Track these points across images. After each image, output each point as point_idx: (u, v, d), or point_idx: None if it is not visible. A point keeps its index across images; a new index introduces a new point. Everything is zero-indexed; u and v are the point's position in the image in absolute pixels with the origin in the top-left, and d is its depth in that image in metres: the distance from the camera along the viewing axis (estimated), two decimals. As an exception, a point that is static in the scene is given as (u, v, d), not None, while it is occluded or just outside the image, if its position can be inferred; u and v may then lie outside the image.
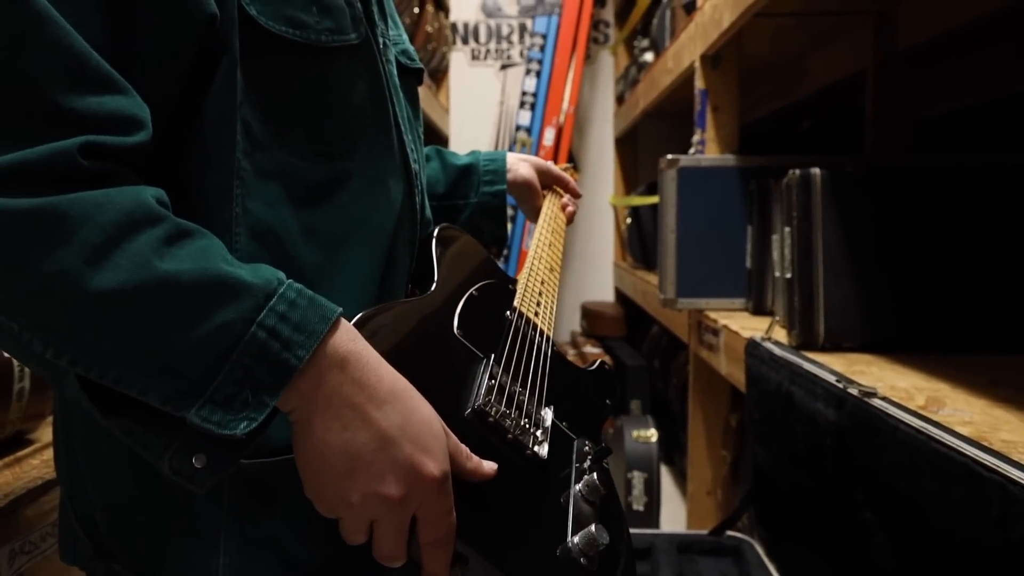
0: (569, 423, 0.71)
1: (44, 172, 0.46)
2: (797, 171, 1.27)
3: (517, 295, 0.79)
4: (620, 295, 3.47)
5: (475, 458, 0.56)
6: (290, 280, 0.52)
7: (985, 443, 0.72)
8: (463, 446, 0.56)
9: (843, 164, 1.30)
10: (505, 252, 3.16)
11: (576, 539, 0.58)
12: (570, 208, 1.12)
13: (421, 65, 0.87)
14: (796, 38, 1.99)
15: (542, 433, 0.65)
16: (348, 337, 0.52)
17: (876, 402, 0.74)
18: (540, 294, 0.85)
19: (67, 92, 0.48)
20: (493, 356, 0.67)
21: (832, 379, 0.85)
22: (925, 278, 1.22)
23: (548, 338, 0.79)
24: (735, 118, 1.85)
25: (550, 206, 1.07)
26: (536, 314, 0.80)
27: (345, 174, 0.66)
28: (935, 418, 0.77)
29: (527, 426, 0.64)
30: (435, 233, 0.77)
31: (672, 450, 2.59)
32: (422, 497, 0.52)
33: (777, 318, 1.40)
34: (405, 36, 0.87)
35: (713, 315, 1.66)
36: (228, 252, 0.52)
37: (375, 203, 0.68)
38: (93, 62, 0.49)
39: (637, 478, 2.01)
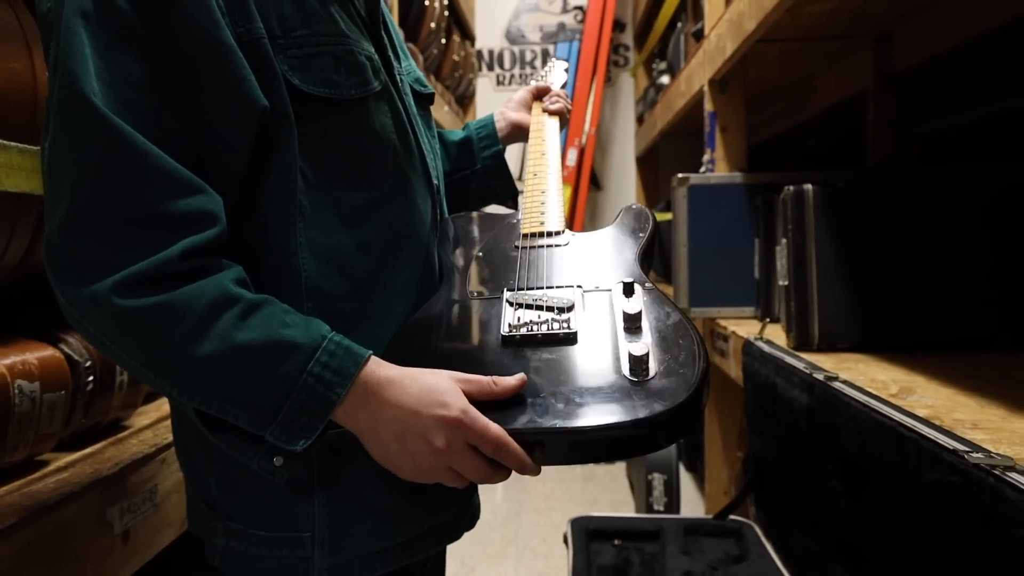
0: (600, 281, 0.81)
1: (157, 276, 0.66)
2: (791, 187, 1.40)
3: (522, 222, 0.92)
4: (644, 309, 3.58)
5: (501, 380, 0.70)
6: (332, 334, 0.70)
7: (937, 421, 0.85)
8: (484, 379, 0.70)
9: (835, 180, 1.43)
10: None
11: (624, 367, 0.68)
12: (552, 107, 1.19)
13: (432, 89, 1.02)
14: (802, 60, 2.11)
15: (569, 312, 0.76)
16: (374, 370, 0.70)
17: (836, 385, 0.87)
18: (543, 204, 0.96)
19: (164, 201, 0.67)
20: (506, 289, 0.81)
21: (804, 368, 0.98)
22: (917, 282, 1.33)
23: (560, 231, 0.91)
24: (743, 138, 1.98)
25: (533, 118, 1.16)
26: (542, 223, 0.92)
27: (383, 198, 0.82)
28: (896, 402, 0.89)
29: (552, 318, 0.75)
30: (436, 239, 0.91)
31: (695, 456, 2.70)
32: (459, 433, 0.67)
33: (768, 321, 1.52)
34: (414, 64, 1.02)
35: (724, 323, 1.78)
36: (287, 314, 0.70)
37: (409, 218, 0.84)
38: (179, 174, 0.68)
39: (657, 479, 2.13)
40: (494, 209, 1.07)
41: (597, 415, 0.66)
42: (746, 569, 1.10)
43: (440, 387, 0.69)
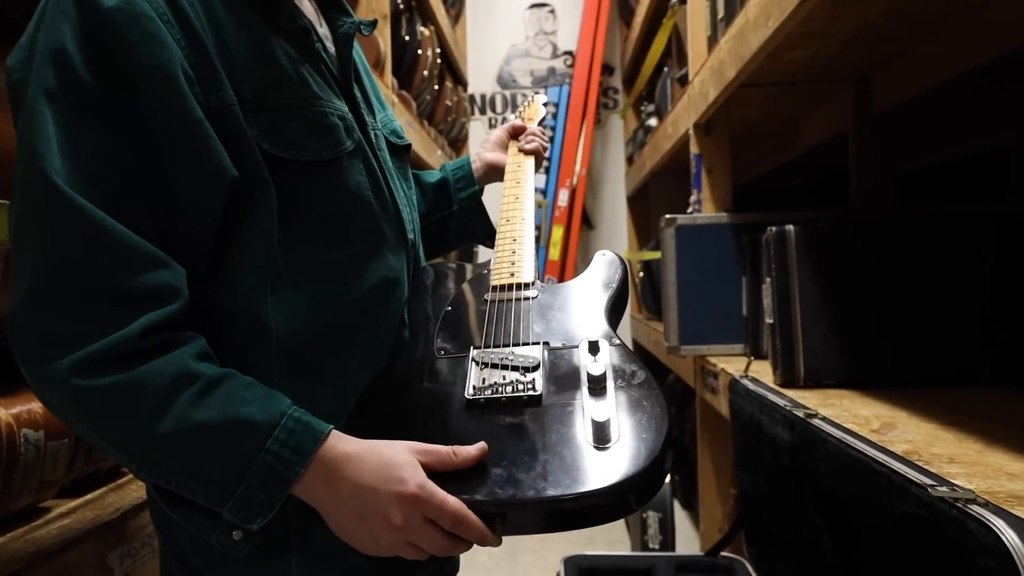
0: (567, 337, 0.80)
1: (117, 355, 0.66)
2: (773, 228, 1.45)
3: (493, 273, 0.92)
4: (637, 345, 3.62)
5: (461, 450, 0.69)
6: (293, 410, 0.70)
7: (915, 456, 0.88)
8: (443, 450, 0.69)
9: (817, 220, 1.47)
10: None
11: (587, 433, 0.67)
12: (528, 147, 1.18)
13: (408, 141, 1.02)
14: (785, 103, 2.17)
15: (534, 372, 0.75)
16: (332, 445, 0.70)
17: (815, 422, 0.90)
18: (513, 252, 0.94)
19: (125, 277, 0.67)
20: (473, 347, 0.80)
21: (786, 405, 1.01)
22: (899, 319, 1.36)
23: (530, 283, 0.90)
24: (728, 178, 2.03)
25: (510, 159, 1.15)
26: (512, 274, 0.91)
27: (358, 255, 0.82)
28: (876, 437, 0.92)
29: (516, 379, 0.74)
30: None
31: (690, 494, 2.71)
32: (416, 508, 0.67)
33: (752, 359, 1.56)
34: (391, 114, 1.01)
35: (714, 360, 1.81)
36: (248, 388, 0.70)
37: (384, 273, 0.84)
38: (140, 249, 0.68)
39: (652, 518, 2.14)
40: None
41: (557, 485, 0.65)
42: (737, 605, 1.11)
43: (397, 461, 0.69)
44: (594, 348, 0.77)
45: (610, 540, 2.68)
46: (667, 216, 1.90)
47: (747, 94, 1.92)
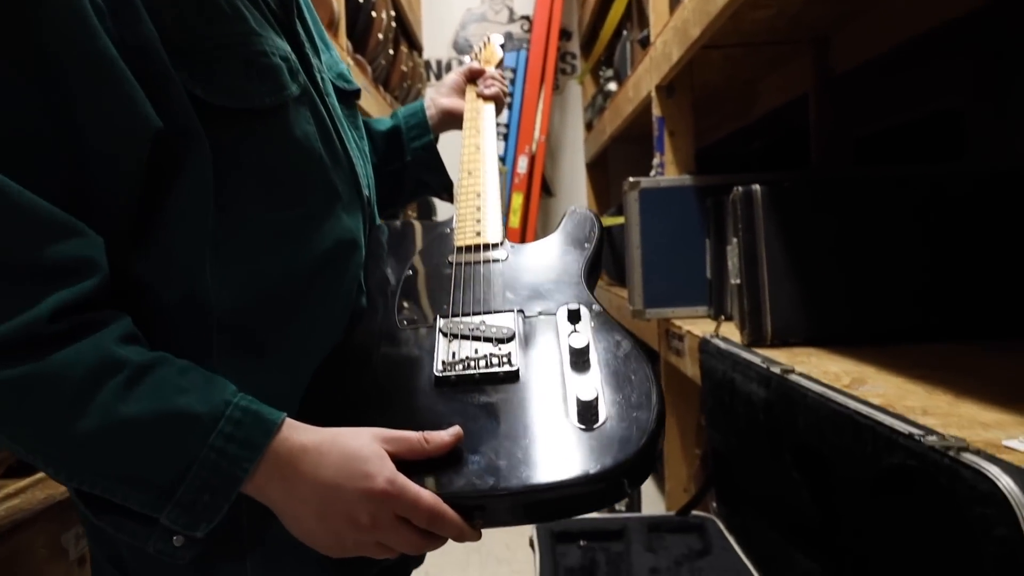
0: (543, 304, 0.73)
1: (24, 342, 0.56)
2: (740, 188, 1.43)
3: (456, 232, 0.83)
4: (599, 313, 3.62)
5: (433, 436, 0.61)
6: (238, 398, 0.61)
7: (889, 408, 0.88)
8: (413, 436, 0.61)
9: (781, 180, 1.46)
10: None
11: (571, 412, 0.61)
12: (488, 92, 1.07)
13: (357, 86, 0.90)
14: (745, 65, 2.16)
15: (509, 344, 0.68)
16: (287, 437, 0.61)
17: (792, 377, 0.89)
18: (478, 209, 0.86)
19: (30, 249, 0.57)
20: (439, 316, 0.72)
21: (761, 363, 1.01)
22: (864, 277, 1.37)
23: (498, 243, 0.81)
24: (691, 142, 2.02)
25: (468, 105, 1.04)
26: (478, 233, 0.82)
27: (309, 215, 0.72)
28: (850, 391, 0.92)
29: (490, 353, 0.67)
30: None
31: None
32: (386, 506, 0.59)
33: (722, 319, 1.56)
34: (337, 56, 0.90)
35: (678, 322, 1.81)
36: (184, 375, 0.61)
37: (339, 235, 0.74)
38: (47, 215, 0.57)
39: (618, 481, 2.15)
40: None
41: (542, 472, 0.59)
42: (710, 563, 1.11)
43: (362, 453, 0.60)
44: (574, 316, 0.71)
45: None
46: (631, 179, 1.88)
47: (708, 57, 1.90)
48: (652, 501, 2.46)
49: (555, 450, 0.60)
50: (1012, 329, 1.29)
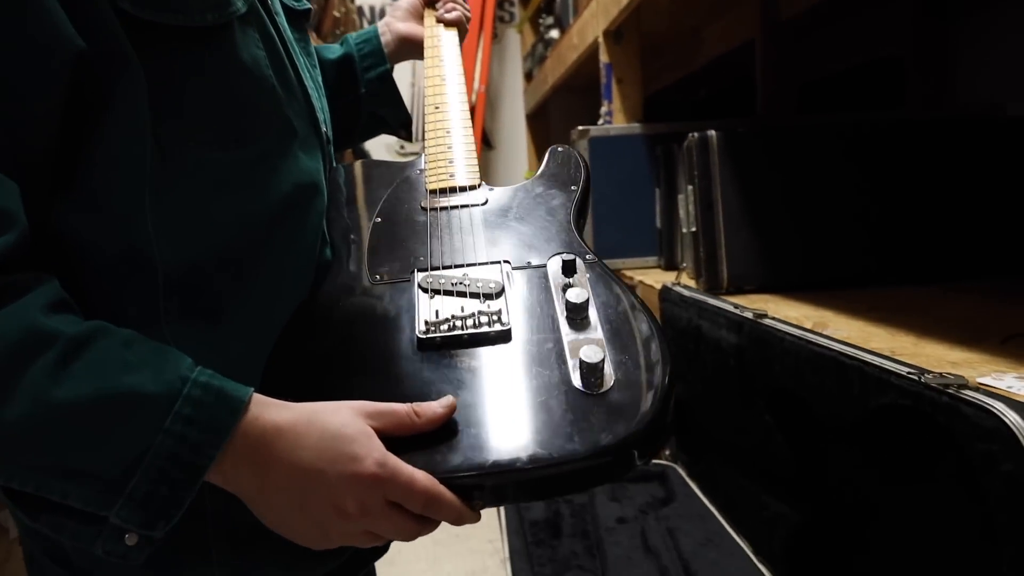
0: (531, 254, 0.67)
1: None
2: (696, 134, 1.41)
3: (428, 174, 0.76)
4: (541, 266, 3.60)
5: (424, 409, 0.54)
6: (197, 373, 0.52)
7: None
8: (400, 409, 0.54)
9: (735, 126, 1.45)
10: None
11: (574, 376, 0.55)
12: (449, 16, 0.97)
13: (308, 5, 0.81)
14: (691, 12, 2.13)
15: (498, 299, 0.62)
16: (257, 416, 0.53)
17: (767, 322, 0.88)
18: (449, 148, 0.79)
19: None
20: (416, 270, 0.65)
21: (732, 308, 0.99)
22: (814, 224, 1.38)
23: (475, 186, 0.74)
24: (639, 89, 1.98)
25: (427, 31, 0.96)
26: (452, 175, 0.76)
27: (263, 154, 0.63)
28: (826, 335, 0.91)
29: (478, 310, 0.61)
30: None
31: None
32: (376, 491, 0.52)
33: (685, 268, 1.55)
34: None
35: (630, 272, 1.80)
36: (128, 347, 0.52)
37: (298, 177, 0.66)
38: None
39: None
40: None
41: (547, 445, 0.52)
42: (675, 510, 1.11)
43: (346, 432, 0.53)
44: (569, 268, 0.64)
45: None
46: (579, 128, 1.84)
47: (653, 2, 1.86)
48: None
49: (561, 420, 0.54)
50: (959, 271, 1.32)
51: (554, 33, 2.92)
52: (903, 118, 1.71)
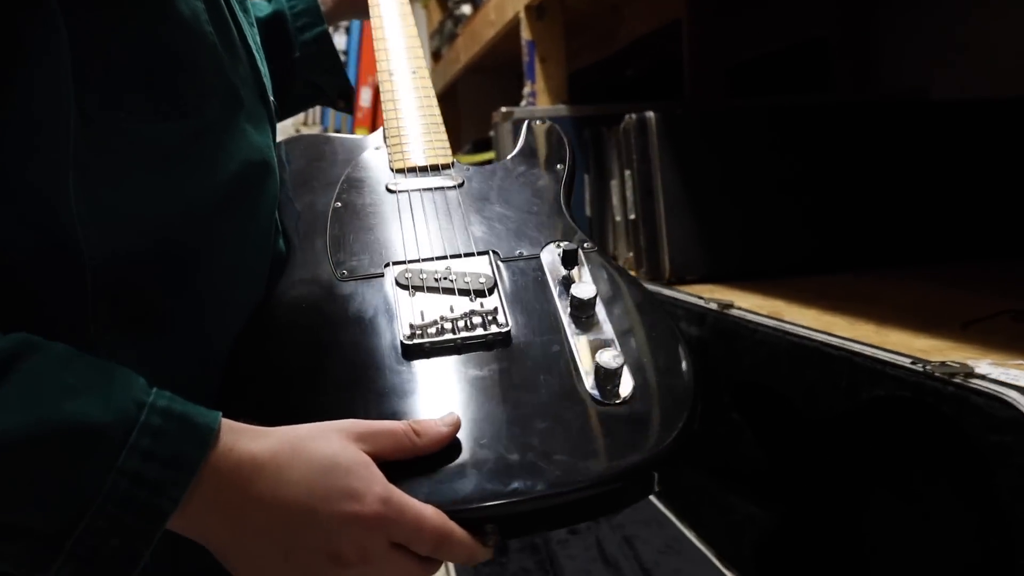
0: (522, 243, 0.63)
1: None
2: (634, 116, 1.41)
3: (390, 151, 0.70)
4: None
5: (425, 427, 0.49)
6: (154, 398, 0.46)
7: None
8: (397, 428, 0.49)
9: (673, 108, 1.45)
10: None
11: (589, 384, 0.52)
12: None
13: None
14: (614, -12, 2.14)
15: (490, 297, 0.58)
16: (230, 447, 0.47)
17: (734, 312, 0.88)
18: (411, 120, 0.73)
19: None
20: (392, 263, 0.60)
21: (693, 300, 0.98)
22: (755, 210, 1.40)
23: (447, 164, 0.69)
24: (563, 69, 1.97)
25: None
26: (419, 151, 0.70)
27: (207, 127, 0.58)
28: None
29: (469, 311, 0.56)
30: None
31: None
32: (380, 534, 0.47)
33: (621, 257, 1.54)
34: None
35: (560, 265, 1.78)
36: (67, 366, 0.46)
37: (247, 154, 0.61)
38: None
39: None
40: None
41: (568, 468, 0.48)
42: (629, 516, 1.10)
43: (340, 462, 0.47)
44: (570, 258, 0.60)
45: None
46: (503, 109, 1.81)
47: (577, -24, 1.86)
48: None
49: (580, 436, 0.49)
50: (899, 257, 1.37)
51: (466, 8, 2.87)
52: (838, 101, 1.78)
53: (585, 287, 0.57)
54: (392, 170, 0.70)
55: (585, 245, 0.63)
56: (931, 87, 1.67)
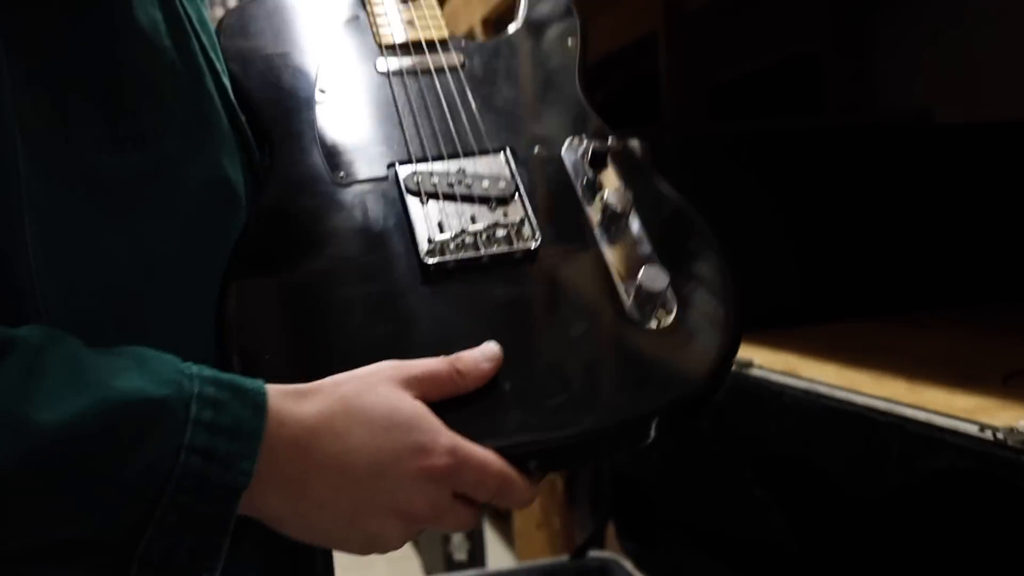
0: (539, 136, 0.62)
1: None
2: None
3: (377, 23, 0.67)
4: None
5: (466, 363, 0.51)
6: (194, 369, 0.48)
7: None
8: (439, 365, 0.51)
9: (649, 134, 1.48)
10: None
11: (629, 307, 0.53)
12: None
13: None
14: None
15: (512, 204, 0.57)
16: (283, 410, 0.49)
17: (755, 372, 0.89)
18: None
19: None
20: (397, 162, 0.59)
21: (703, 358, 0.99)
22: (744, 250, 1.41)
23: (443, 39, 0.66)
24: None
25: None
26: (408, 21, 0.67)
27: (162, 159, 0.57)
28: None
29: (494, 222, 0.56)
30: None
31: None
32: (447, 484, 0.50)
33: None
34: None
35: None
36: (99, 351, 0.47)
37: (213, 189, 0.60)
38: None
39: (456, 523, 2.10)
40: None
41: (613, 400, 0.51)
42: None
43: (400, 417, 0.49)
44: (598, 158, 0.59)
45: (391, 559, 2.59)
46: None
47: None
48: (496, 549, 2.43)
49: (625, 365, 0.52)
50: (909, 301, 1.39)
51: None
52: (831, 124, 1.82)
53: (619, 194, 0.57)
54: (381, 46, 0.66)
55: (611, 141, 0.62)
56: (937, 109, 1.72)
